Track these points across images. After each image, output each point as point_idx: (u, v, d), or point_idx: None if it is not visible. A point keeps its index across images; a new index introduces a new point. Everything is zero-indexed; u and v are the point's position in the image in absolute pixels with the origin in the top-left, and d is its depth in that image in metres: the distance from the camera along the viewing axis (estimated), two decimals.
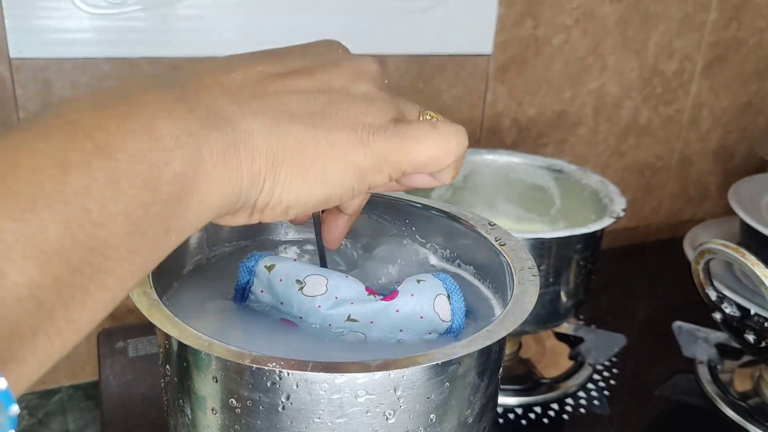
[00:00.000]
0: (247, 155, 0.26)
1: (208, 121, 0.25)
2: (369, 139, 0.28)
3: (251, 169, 0.26)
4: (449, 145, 0.30)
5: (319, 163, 0.28)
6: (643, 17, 0.84)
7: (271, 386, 0.28)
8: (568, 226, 0.65)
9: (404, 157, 0.29)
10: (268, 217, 0.29)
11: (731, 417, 0.60)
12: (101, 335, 0.66)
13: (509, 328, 0.30)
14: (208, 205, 0.25)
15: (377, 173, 0.29)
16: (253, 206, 0.28)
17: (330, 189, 0.28)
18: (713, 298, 0.60)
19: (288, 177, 0.27)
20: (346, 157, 0.28)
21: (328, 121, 0.28)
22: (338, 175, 0.28)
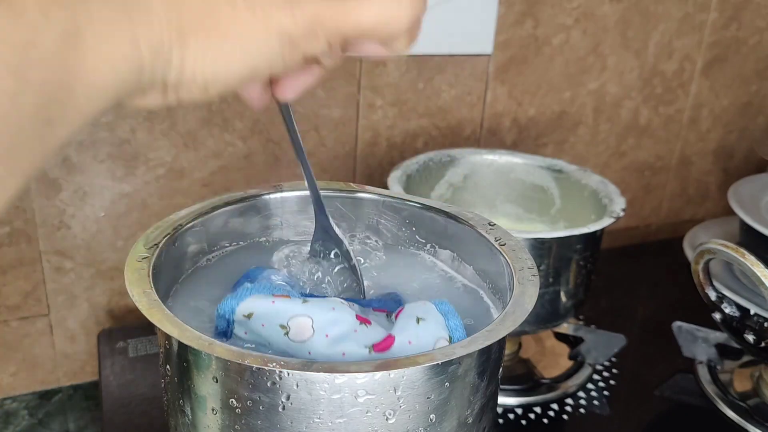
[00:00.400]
0: (142, 21, 0.22)
1: None
2: None
3: (150, 39, 0.22)
4: (400, 6, 0.25)
5: (236, 29, 0.23)
6: (643, 17, 0.84)
7: (272, 386, 0.28)
8: (568, 226, 0.65)
9: (344, 20, 0.25)
10: (186, 95, 0.25)
11: (731, 417, 0.60)
12: (101, 335, 0.66)
13: (509, 328, 0.30)
14: (101, 87, 0.21)
15: (312, 40, 0.25)
16: (164, 84, 0.24)
17: (253, 60, 0.24)
18: (713, 298, 0.60)
19: (199, 47, 0.23)
20: (269, 20, 0.24)
21: None
22: (261, 42, 0.24)
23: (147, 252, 0.34)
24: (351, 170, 0.75)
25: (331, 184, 0.43)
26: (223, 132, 0.67)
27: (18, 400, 0.69)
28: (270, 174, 0.71)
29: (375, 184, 0.44)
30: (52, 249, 0.65)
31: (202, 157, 0.67)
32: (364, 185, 0.43)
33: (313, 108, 0.71)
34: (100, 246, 0.67)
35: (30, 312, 0.66)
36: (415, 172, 0.65)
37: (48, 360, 0.69)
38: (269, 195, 0.41)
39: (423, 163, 0.67)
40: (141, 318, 0.30)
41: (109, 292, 0.68)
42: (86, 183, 0.64)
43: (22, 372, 0.68)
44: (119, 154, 0.64)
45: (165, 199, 0.67)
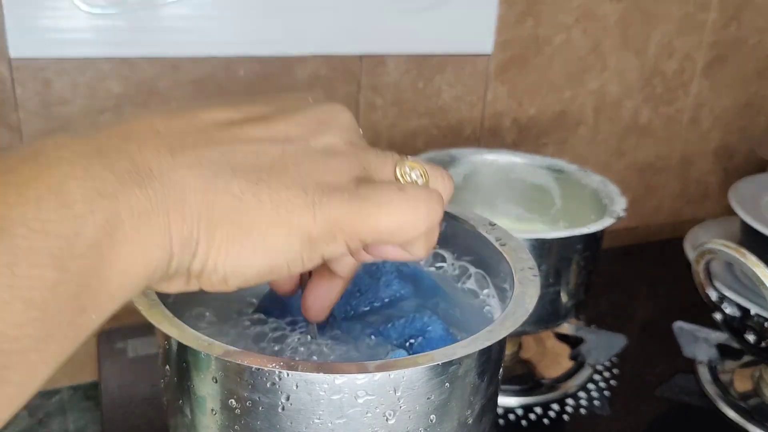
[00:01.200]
0: (177, 214, 0.22)
1: (130, 176, 0.21)
2: (321, 201, 0.24)
3: (182, 231, 0.22)
4: (417, 213, 0.25)
5: (259, 227, 0.23)
6: (644, 17, 0.84)
7: (271, 387, 0.28)
8: (569, 227, 0.65)
9: (362, 225, 0.25)
10: (207, 285, 0.25)
11: (731, 417, 0.60)
12: (101, 336, 0.66)
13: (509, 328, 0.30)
14: (133, 275, 0.22)
15: (331, 242, 0.25)
16: (188, 273, 0.24)
17: (273, 258, 0.24)
18: (713, 298, 0.60)
19: (224, 241, 0.23)
20: (291, 220, 0.24)
21: (275, 178, 0.24)
22: (281, 241, 0.24)
23: None
24: None
25: None
26: None
27: None
28: None
29: None
30: None
31: None
32: None
33: None
34: None
35: None
36: None
37: None
38: None
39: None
40: (141, 318, 0.30)
41: None
42: None
43: None
44: None
45: None
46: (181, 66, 0.65)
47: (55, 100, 0.62)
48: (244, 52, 0.66)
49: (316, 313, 0.32)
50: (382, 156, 0.27)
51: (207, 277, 0.24)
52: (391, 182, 0.27)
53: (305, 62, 0.69)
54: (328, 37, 0.69)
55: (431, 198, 0.26)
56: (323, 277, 0.31)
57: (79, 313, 0.20)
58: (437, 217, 0.26)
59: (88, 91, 0.63)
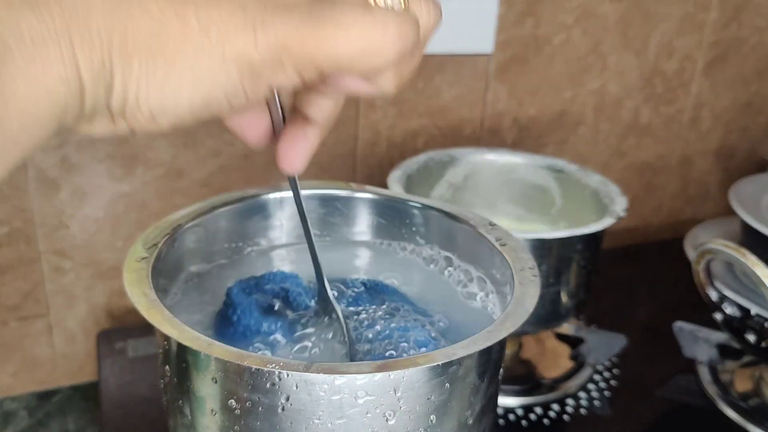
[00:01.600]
0: (82, 40, 0.19)
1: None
2: (264, 20, 0.21)
3: (91, 60, 0.19)
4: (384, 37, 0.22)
5: (185, 53, 0.20)
6: (644, 17, 0.84)
7: (271, 387, 0.28)
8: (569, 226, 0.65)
9: (316, 48, 0.21)
10: (135, 125, 0.22)
11: (732, 417, 0.60)
12: (101, 336, 0.66)
13: (510, 328, 0.30)
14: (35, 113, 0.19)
15: (278, 70, 0.21)
16: (109, 111, 0.21)
17: (206, 89, 0.21)
18: (714, 298, 0.60)
19: (144, 71, 0.20)
20: (226, 44, 0.20)
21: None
22: (215, 69, 0.21)
23: (146, 252, 0.34)
24: (351, 170, 0.75)
25: (331, 184, 0.43)
26: (223, 132, 0.67)
27: (17, 400, 0.69)
28: (269, 174, 0.71)
29: (375, 184, 0.44)
30: (51, 249, 0.65)
31: (201, 157, 0.67)
32: (364, 185, 0.43)
33: None
34: (99, 246, 0.67)
35: (29, 312, 0.66)
36: (415, 171, 0.65)
37: (47, 360, 0.69)
38: (269, 195, 0.41)
39: (423, 162, 0.67)
40: (140, 318, 0.30)
41: (108, 293, 0.68)
42: (85, 183, 0.64)
43: (22, 372, 0.68)
44: (118, 154, 0.64)
45: (164, 199, 0.67)
46: None
47: None
48: None
49: (290, 161, 0.28)
50: None
51: (132, 115, 0.21)
52: (356, 2, 0.22)
53: None
54: None
55: (404, 21, 0.22)
56: (297, 123, 0.28)
57: None
58: (409, 42, 0.22)
59: None
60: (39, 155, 0.61)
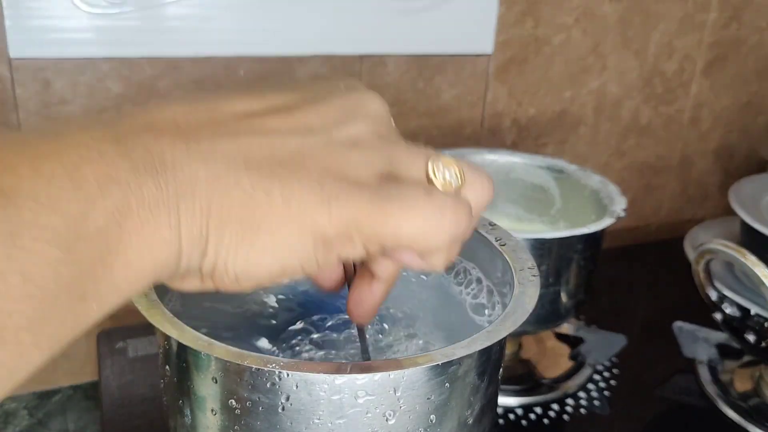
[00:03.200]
0: (186, 209, 0.21)
1: (144, 166, 0.20)
2: (338, 197, 0.22)
3: (191, 227, 0.21)
4: (441, 222, 0.23)
5: (269, 225, 0.22)
6: (644, 17, 0.84)
7: (271, 387, 0.28)
8: (569, 227, 0.65)
9: (382, 227, 0.23)
10: (221, 285, 0.24)
11: (731, 417, 0.60)
12: (101, 335, 0.66)
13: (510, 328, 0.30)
14: (139, 268, 0.21)
15: (347, 243, 0.23)
16: (200, 272, 0.23)
17: (284, 258, 0.23)
18: (714, 298, 0.60)
19: (233, 239, 0.22)
20: (304, 218, 0.22)
21: (289, 172, 0.22)
22: (293, 240, 0.22)
23: None
24: None
25: None
26: None
27: (17, 400, 0.69)
28: None
29: None
30: None
31: None
32: None
33: None
34: None
35: None
36: None
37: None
38: None
39: None
40: (141, 318, 0.30)
41: None
42: None
43: None
44: None
45: None
46: (181, 66, 0.65)
47: (54, 100, 0.62)
48: (244, 52, 0.66)
49: (359, 315, 0.31)
50: (414, 150, 0.25)
51: (219, 277, 0.23)
52: (419, 183, 0.24)
53: (305, 62, 0.69)
54: (328, 37, 0.69)
55: (459, 208, 0.24)
56: (364, 279, 0.30)
57: (79, 299, 0.19)
58: (462, 229, 0.24)
59: (87, 91, 0.63)
60: None
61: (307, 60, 0.69)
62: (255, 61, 0.67)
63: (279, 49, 0.68)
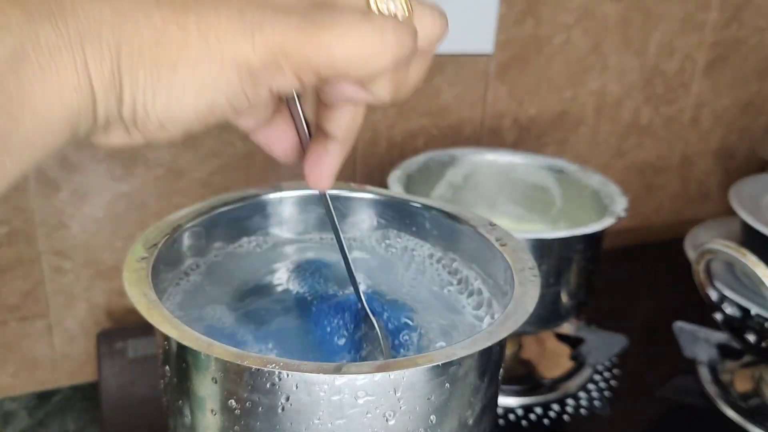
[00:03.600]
0: (93, 51, 0.20)
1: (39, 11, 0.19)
2: (262, 24, 0.21)
3: (101, 70, 0.20)
4: (382, 43, 0.22)
5: (187, 60, 0.21)
6: (644, 17, 0.84)
7: (271, 387, 0.28)
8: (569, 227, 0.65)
9: (313, 52, 0.21)
10: (147, 134, 0.23)
11: (732, 417, 0.60)
12: (101, 336, 0.66)
13: (510, 329, 0.30)
14: (49, 118, 0.20)
15: (276, 73, 0.22)
16: (122, 121, 0.22)
17: (208, 94, 0.22)
18: (714, 298, 0.60)
19: (149, 81, 0.21)
20: (225, 49, 0.21)
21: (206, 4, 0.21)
22: (214, 74, 0.21)
23: (146, 252, 0.34)
24: (351, 170, 0.75)
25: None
26: (223, 131, 0.67)
27: (17, 400, 0.69)
28: (270, 174, 0.71)
29: (375, 184, 0.44)
30: (51, 249, 0.65)
31: (201, 157, 0.67)
32: (364, 185, 0.43)
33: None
34: (99, 246, 0.66)
35: (29, 312, 0.66)
36: (416, 171, 0.65)
37: (47, 360, 0.69)
38: (269, 195, 0.41)
39: (423, 162, 0.67)
40: (140, 318, 0.30)
41: (108, 293, 0.68)
42: (85, 183, 0.64)
43: (21, 372, 0.68)
44: (118, 154, 0.64)
45: (164, 199, 0.67)
46: None
47: None
48: None
49: (317, 177, 0.29)
50: None
51: (142, 124, 0.22)
52: (355, 9, 0.23)
53: None
54: None
55: (402, 29, 0.22)
56: (319, 140, 0.29)
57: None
58: (406, 50, 0.23)
59: None
60: None
61: None
62: None
63: None
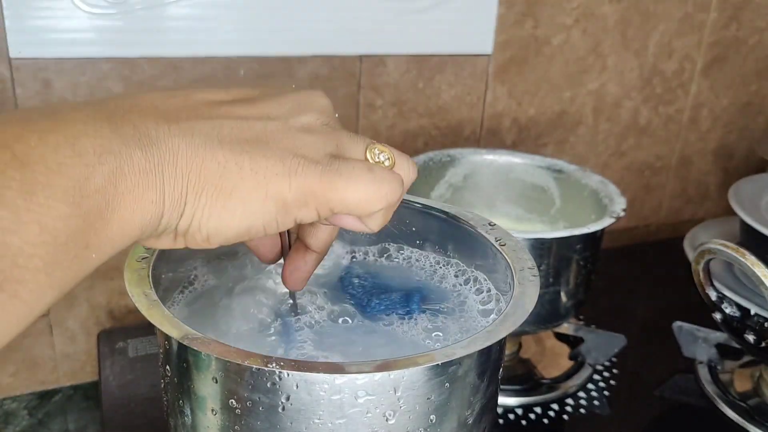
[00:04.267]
0: (169, 176, 0.26)
1: (133, 140, 0.25)
2: (297, 171, 0.27)
3: (173, 191, 0.26)
4: (379, 191, 0.29)
5: (240, 191, 0.27)
6: (643, 17, 0.84)
7: (271, 387, 0.28)
8: (568, 226, 0.65)
9: (333, 195, 0.28)
10: (192, 243, 0.28)
11: (731, 417, 0.60)
12: (101, 335, 0.66)
13: (509, 328, 0.30)
14: (130, 223, 0.25)
15: (303, 207, 0.28)
16: (175, 230, 0.27)
17: (251, 219, 0.27)
18: (713, 298, 0.60)
19: (208, 202, 0.27)
20: (269, 186, 0.27)
21: (256, 149, 0.27)
22: (259, 204, 0.27)
23: (146, 252, 0.34)
24: None
25: None
26: None
27: (18, 400, 0.69)
28: None
29: None
30: None
31: None
32: None
33: None
34: None
35: None
36: None
37: (48, 360, 0.69)
38: None
39: (423, 163, 0.67)
40: (141, 318, 0.30)
41: (108, 293, 0.68)
42: None
43: (22, 372, 0.68)
44: None
45: None
46: (181, 66, 0.65)
47: (55, 100, 0.62)
48: (244, 52, 0.66)
49: (293, 281, 0.35)
50: (354, 137, 0.31)
51: (192, 236, 0.27)
52: (361, 161, 0.30)
53: (305, 62, 0.69)
54: (328, 37, 0.69)
55: (394, 180, 0.30)
56: (299, 250, 0.35)
57: (84, 248, 0.24)
58: (396, 197, 0.30)
59: (88, 91, 0.63)
60: None
61: (307, 60, 0.69)
62: (255, 61, 0.67)
63: (279, 49, 0.68)
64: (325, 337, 0.36)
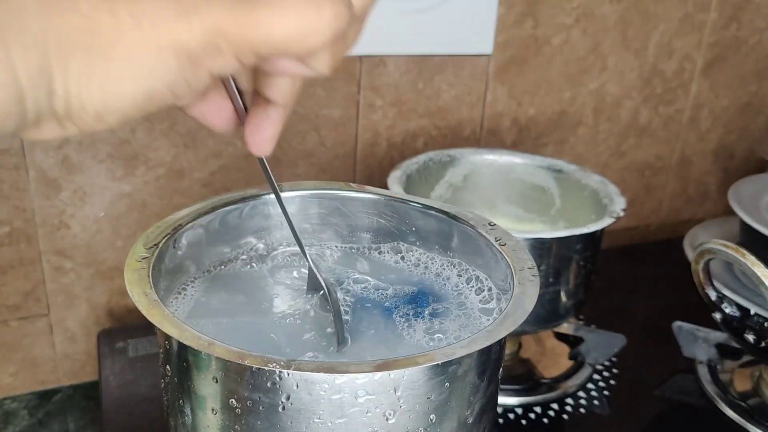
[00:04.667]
0: (16, 44, 0.19)
1: None
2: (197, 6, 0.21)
3: (27, 63, 0.19)
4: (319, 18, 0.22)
5: (121, 47, 0.20)
6: (643, 17, 0.84)
7: (272, 386, 0.28)
8: (568, 226, 0.65)
9: (251, 32, 0.21)
10: (83, 125, 0.22)
11: (731, 417, 0.60)
12: (101, 335, 0.66)
13: (509, 328, 0.30)
14: None
15: (216, 55, 0.21)
16: (54, 115, 0.21)
17: (146, 82, 0.21)
18: (713, 298, 0.60)
19: (82, 70, 0.20)
20: (160, 34, 0.20)
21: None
22: (153, 60, 0.21)
23: (147, 252, 0.34)
24: (351, 170, 0.75)
25: (331, 184, 0.43)
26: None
27: (18, 400, 0.69)
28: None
29: (375, 184, 0.44)
30: (52, 249, 0.65)
31: (201, 157, 0.67)
32: (364, 185, 0.43)
33: (313, 108, 0.71)
34: (99, 246, 0.67)
35: (30, 312, 0.66)
36: (415, 172, 0.65)
37: (48, 360, 0.69)
38: (269, 195, 0.41)
39: (423, 163, 0.67)
40: (141, 318, 0.30)
41: (108, 292, 0.68)
42: (86, 183, 0.64)
43: (22, 372, 0.68)
44: (119, 154, 0.64)
45: (165, 199, 0.67)
46: None
47: None
48: None
49: (258, 143, 0.28)
50: None
51: (78, 117, 0.21)
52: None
53: None
54: None
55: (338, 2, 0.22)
56: (259, 105, 0.28)
57: None
58: (344, 23, 0.22)
59: None
60: (40, 155, 0.61)
61: None
62: None
63: None
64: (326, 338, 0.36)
